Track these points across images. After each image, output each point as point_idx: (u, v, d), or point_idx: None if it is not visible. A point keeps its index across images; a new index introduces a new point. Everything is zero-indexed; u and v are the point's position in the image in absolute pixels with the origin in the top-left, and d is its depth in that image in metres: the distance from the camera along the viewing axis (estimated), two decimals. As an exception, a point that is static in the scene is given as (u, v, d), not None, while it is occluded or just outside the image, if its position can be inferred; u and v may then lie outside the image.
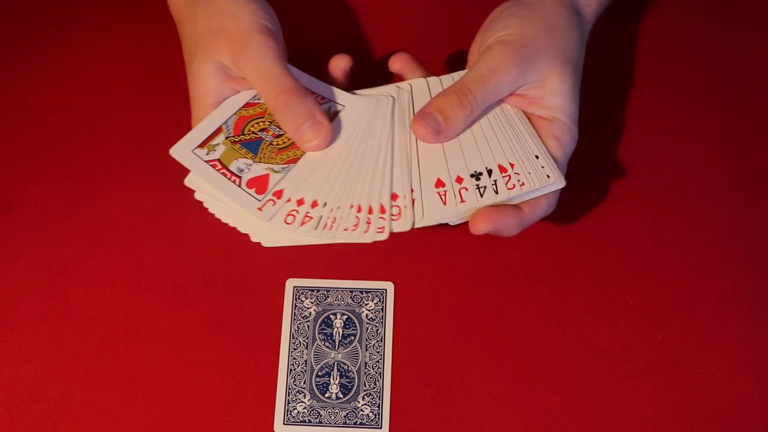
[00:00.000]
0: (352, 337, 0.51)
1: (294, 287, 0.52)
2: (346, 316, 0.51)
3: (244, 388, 0.49)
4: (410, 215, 0.44)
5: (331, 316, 0.52)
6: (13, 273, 0.53)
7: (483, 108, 0.46)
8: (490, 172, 0.45)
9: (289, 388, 0.50)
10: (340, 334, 0.51)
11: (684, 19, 0.61)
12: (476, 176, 0.45)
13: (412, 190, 0.45)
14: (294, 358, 0.50)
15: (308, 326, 0.51)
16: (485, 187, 0.44)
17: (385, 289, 0.52)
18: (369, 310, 0.52)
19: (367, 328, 0.51)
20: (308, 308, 0.52)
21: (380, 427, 0.49)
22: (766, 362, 0.50)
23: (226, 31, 0.46)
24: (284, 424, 0.49)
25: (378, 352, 0.50)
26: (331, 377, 0.50)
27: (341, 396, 0.49)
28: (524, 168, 0.45)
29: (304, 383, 0.50)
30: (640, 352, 0.50)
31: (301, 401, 0.49)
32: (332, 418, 0.49)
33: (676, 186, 0.55)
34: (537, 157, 0.45)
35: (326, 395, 0.49)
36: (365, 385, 0.50)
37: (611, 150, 0.56)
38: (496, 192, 0.44)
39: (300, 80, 0.47)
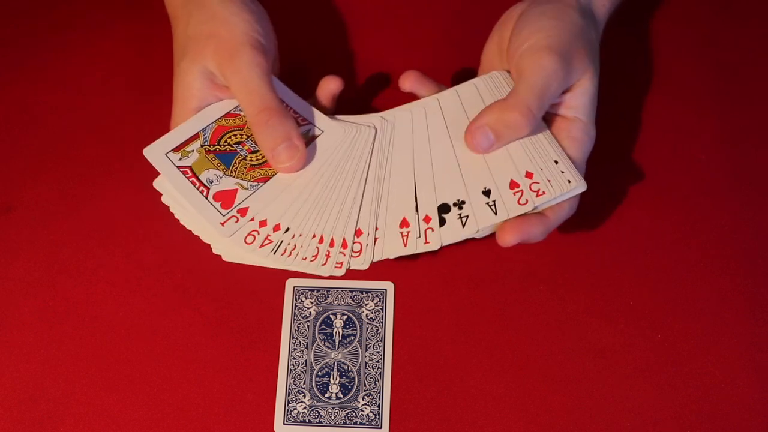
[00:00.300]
0: (352, 337, 0.51)
1: (294, 287, 0.52)
2: (346, 316, 0.51)
3: (244, 388, 0.49)
4: (369, 254, 0.44)
5: (331, 316, 0.52)
6: (13, 273, 0.53)
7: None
8: (488, 193, 0.45)
9: (289, 388, 0.50)
10: (340, 334, 0.51)
11: (684, 19, 0.61)
12: (458, 205, 0.44)
13: (376, 228, 0.45)
14: (294, 358, 0.50)
15: (308, 326, 0.51)
16: (467, 217, 0.44)
17: (385, 289, 0.52)
18: (369, 310, 0.52)
19: (367, 328, 0.51)
20: (308, 308, 0.52)
21: (380, 427, 0.49)
22: (766, 362, 0.50)
23: (217, 38, 0.46)
24: (284, 424, 0.49)
25: (378, 352, 0.50)
26: (331, 377, 0.50)
27: (341, 396, 0.49)
28: (543, 176, 0.44)
29: (304, 383, 0.50)
30: (640, 352, 0.50)
31: (301, 401, 0.49)
32: (332, 418, 0.49)
33: (676, 186, 0.55)
34: (556, 162, 0.45)
35: (326, 395, 0.49)
36: (365, 385, 0.50)
37: (611, 150, 0.56)
38: (495, 213, 0.44)
39: (284, 97, 0.46)
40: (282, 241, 0.44)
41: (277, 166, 0.45)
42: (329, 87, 0.50)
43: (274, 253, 0.44)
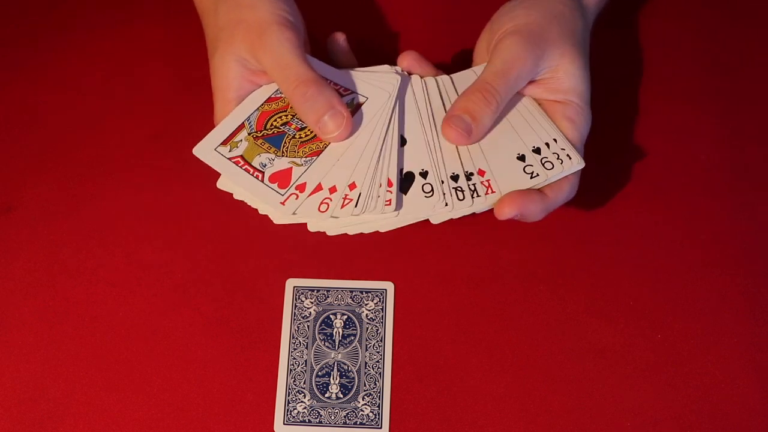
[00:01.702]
0: (352, 337, 0.51)
1: (294, 287, 0.52)
2: (346, 316, 0.51)
3: (244, 388, 0.49)
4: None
5: (331, 316, 0.52)
6: (13, 273, 0.53)
7: (507, 101, 0.46)
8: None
9: (289, 388, 0.50)
10: (340, 334, 0.51)
11: (684, 19, 0.61)
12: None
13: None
14: (294, 358, 0.50)
15: (308, 326, 0.51)
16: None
17: (385, 289, 0.52)
18: (369, 310, 0.52)
19: (367, 328, 0.51)
20: (308, 308, 0.52)
21: (380, 427, 0.49)
22: (766, 362, 0.50)
23: (245, 23, 0.46)
24: (284, 424, 0.49)
25: (378, 352, 0.50)
26: (331, 377, 0.50)
27: (341, 396, 0.49)
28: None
29: (304, 383, 0.50)
30: (640, 352, 0.50)
31: (301, 401, 0.49)
32: (332, 418, 0.49)
33: (676, 186, 0.55)
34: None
35: (326, 395, 0.49)
36: (365, 385, 0.50)
37: (611, 150, 0.56)
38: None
39: (322, 72, 0.46)
40: (361, 195, 0.44)
41: (327, 137, 0.45)
42: (338, 43, 0.50)
43: (356, 207, 0.43)
